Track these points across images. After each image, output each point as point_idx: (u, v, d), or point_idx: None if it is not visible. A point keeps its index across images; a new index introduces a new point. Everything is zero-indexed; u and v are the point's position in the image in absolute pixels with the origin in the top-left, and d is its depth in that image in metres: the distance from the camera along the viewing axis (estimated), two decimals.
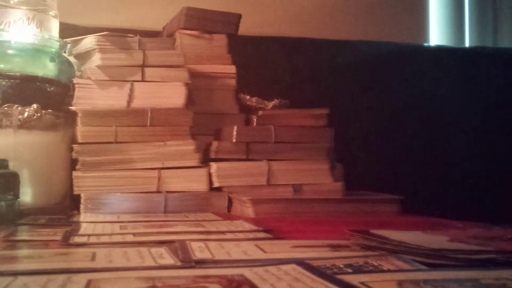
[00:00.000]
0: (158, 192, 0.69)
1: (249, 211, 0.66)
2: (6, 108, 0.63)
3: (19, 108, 0.63)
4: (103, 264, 0.35)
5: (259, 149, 0.73)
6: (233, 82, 0.82)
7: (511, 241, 0.43)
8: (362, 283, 0.29)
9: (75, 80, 0.71)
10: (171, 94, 0.73)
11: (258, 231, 0.51)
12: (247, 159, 0.73)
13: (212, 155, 0.73)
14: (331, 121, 0.77)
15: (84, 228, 0.53)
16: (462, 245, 0.40)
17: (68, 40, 0.75)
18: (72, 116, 0.69)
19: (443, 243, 0.41)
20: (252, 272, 0.32)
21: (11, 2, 0.68)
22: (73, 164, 0.68)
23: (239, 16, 0.85)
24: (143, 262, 0.36)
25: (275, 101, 0.80)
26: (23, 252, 0.43)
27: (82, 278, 0.30)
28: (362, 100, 1.01)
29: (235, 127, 0.73)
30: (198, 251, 0.39)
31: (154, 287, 0.29)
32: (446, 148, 1.06)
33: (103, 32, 0.71)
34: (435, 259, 0.35)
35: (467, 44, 1.26)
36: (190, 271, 0.33)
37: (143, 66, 0.73)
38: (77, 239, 0.45)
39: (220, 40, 0.83)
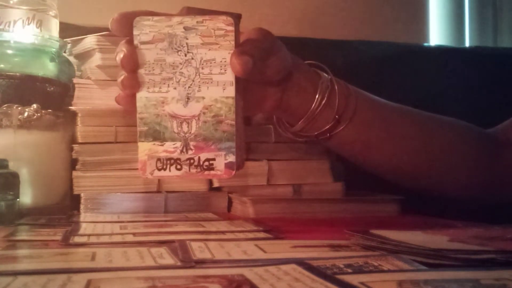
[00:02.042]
0: (158, 192, 0.69)
1: (249, 211, 0.66)
2: (6, 108, 0.63)
3: (19, 108, 0.63)
4: (103, 264, 0.36)
5: (259, 149, 0.73)
6: None
7: (511, 241, 0.43)
8: (362, 283, 0.29)
9: (75, 80, 0.71)
10: None
11: (258, 231, 0.51)
12: (247, 159, 0.73)
13: None
14: None
15: (84, 228, 0.53)
16: (462, 245, 0.40)
17: (68, 40, 0.75)
18: (72, 116, 0.69)
19: (443, 243, 0.41)
20: (252, 272, 0.32)
21: (11, 2, 0.68)
22: (73, 164, 0.68)
23: (239, 16, 0.84)
24: (143, 262, 0.36)
25: None
26: (23, 252, 0.43)
27: (82, 278, 0.30)
28: None
29: None
30: (198, 251, 0.39)
31: (154, 287, 0.29)
32: None
33: (103, 32, 0.71)
34: (435, 259, 0.35)
35: (467, 44, 1.26)
36: (190, 271, 0.33)
37: None
38: (77, 239, 0.45)
39: None
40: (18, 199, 0.57)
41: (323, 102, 0.61)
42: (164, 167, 0.52)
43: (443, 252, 0.36)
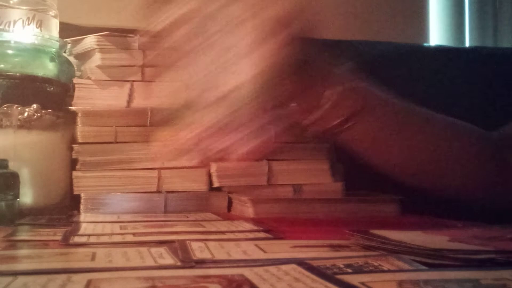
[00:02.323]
0: (158, 192, 0.69)
1: (249, 211, 0.66)
2: (6, 108, 0.63)
3: (19, 108, 0.63)
4: (103, 264, 0.35)
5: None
6: None
7: (511, 241, 0.43)
8: (362, 283, 0.29)
9: (75, 80, 0.71)
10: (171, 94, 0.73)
11: (258, 231, 0.51)
12: (247, 159, 0.72)
13: None
14: None
15: (84, 228, 0.53)
16: (462, 245, 0.40)
17: (68, 40, 0.75)
18: (72, 116, 0.69)
19: (443, 243, 0.41)
20: (252, 272, 0.32)
21: (11, 2, 0.68)
22: (73, 164, 0.68)
23: None
24: (143, 262, 0.36)
25: None
26: (23, 252, 0.43)
27: (82, 278, 0.30)
28: None
29: None
30: (198, 251, 0.39)
31: (154, 287, 0.29)
32: None
33: (103, 32, 0.71)
34: (435, 259, 0.35)
35: (467, 44, 1.26)
36: (190, 271, 0.33)
37: (143, 66, 0.73)
38: (77, 239, 0.45)
39: None
40: (18, 199, 0.57)
41: (334, 97, 0.60)
42: (178, 156, 0.52)
43: (443, 252, 0.36)
